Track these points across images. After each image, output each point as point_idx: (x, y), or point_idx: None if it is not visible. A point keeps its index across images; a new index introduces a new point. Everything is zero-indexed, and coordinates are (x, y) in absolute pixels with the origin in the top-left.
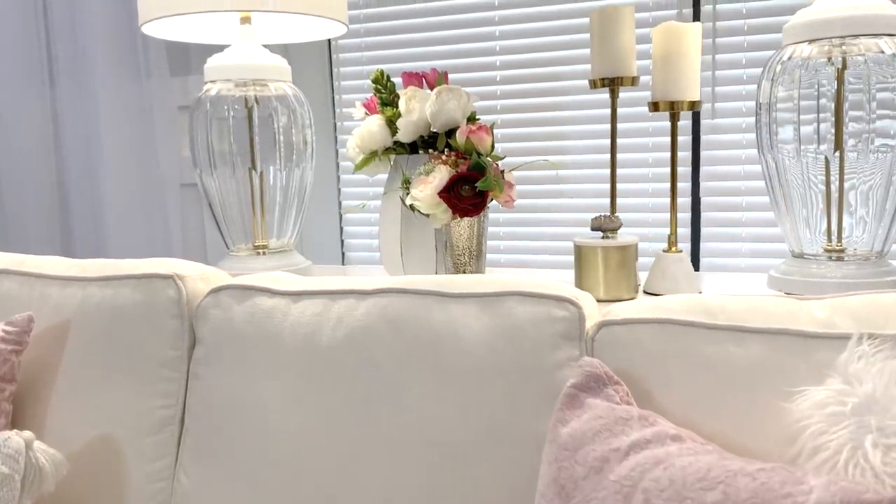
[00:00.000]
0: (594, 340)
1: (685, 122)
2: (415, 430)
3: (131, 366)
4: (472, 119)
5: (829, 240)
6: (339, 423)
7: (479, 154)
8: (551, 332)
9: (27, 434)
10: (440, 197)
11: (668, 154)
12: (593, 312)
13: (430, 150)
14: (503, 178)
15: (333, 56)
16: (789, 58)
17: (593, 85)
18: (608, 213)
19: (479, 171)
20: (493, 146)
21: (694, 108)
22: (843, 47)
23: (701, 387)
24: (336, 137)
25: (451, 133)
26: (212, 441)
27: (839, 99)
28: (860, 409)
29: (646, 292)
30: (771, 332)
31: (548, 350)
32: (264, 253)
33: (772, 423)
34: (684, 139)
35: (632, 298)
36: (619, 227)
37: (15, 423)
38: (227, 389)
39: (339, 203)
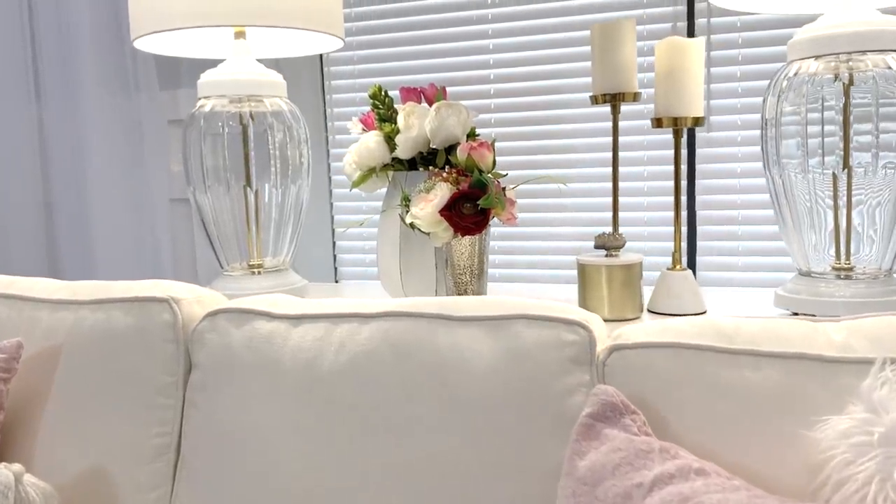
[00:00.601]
0: (605, 365)
1: None
2: (420, 459)
3: (125, 393)
4: (471, 135)
5: (838, 258)
6: (341, 452)
7: (480, 171)
8: (561, 356)
9: (16, 467)
10: (441, 215)
11: (663, 168)
12: (603, 336)
13: (430, 167)
14: (505, 195)
15: (325, 69)
16: (795, 73)
17: (595, 101)
18: (611, 231)
19: (480, 188)
20: (494, 163)
21: (697, 124)
22: (850, 63)
23: (717, 414)
24: (328, 151)
25: (450, 149)
26: (209, 471)
27: (846, 115)
28: (888, 439)
29: (650, 311)
30: (788, 357)
31: (557, 375)
32: (259, 272)
33: (793, 453)
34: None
35: (637, 318)
36: (623, 244)
37: (3, 454)
38: (224, 417)
39: (332, 218)
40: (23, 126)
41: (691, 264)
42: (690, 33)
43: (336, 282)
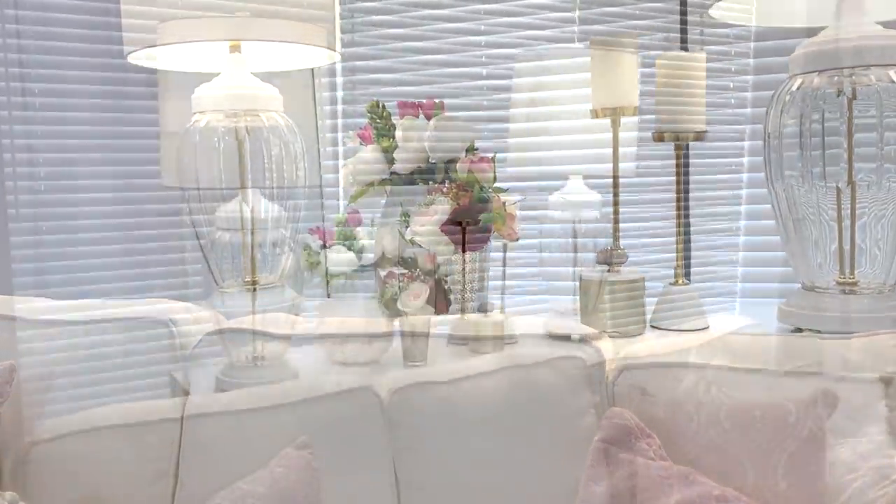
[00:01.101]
0: (615, 385)
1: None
2: (428, 480)
3: (121, 416)
4: (471, 149)
5: (842, 272)
6: (344, 474)
7: (481, 187)
8: (570, 376)
9: (10, 496)
10: (442, 231)
11: (657, 178)
12: (611, 354)
13: (430, 182)
14: (505, 209)
15: (316, 81)
16: (798, 88)
17: (595, 114)
18: (613, 246)
19: (481, 204)
20: (494, 178)
21: (699, 138)
22: (853, 78)
23: (729, 434)
24: (320, 163)
25: (449, 163)
26: (207, 495)
27: (849, 130)
28: None
29: (653, 326)
30: (800, 375)
31: (567, 395)
32: (255, 289)
33: (810, 474)
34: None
35: (640, 333)
36: (626, 260)
37: None
38: (223, 440)
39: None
40: (10, 137)
41: (685, 274)
42: (683, 44)
43: (328, 297)
